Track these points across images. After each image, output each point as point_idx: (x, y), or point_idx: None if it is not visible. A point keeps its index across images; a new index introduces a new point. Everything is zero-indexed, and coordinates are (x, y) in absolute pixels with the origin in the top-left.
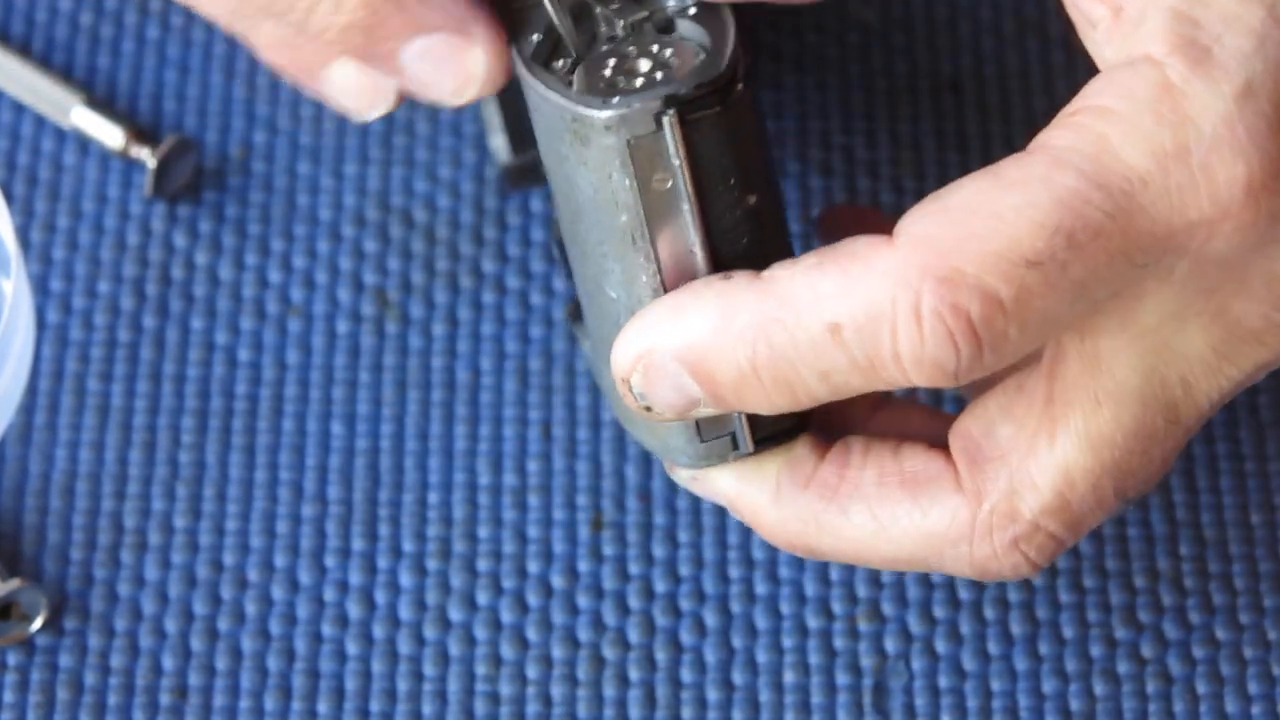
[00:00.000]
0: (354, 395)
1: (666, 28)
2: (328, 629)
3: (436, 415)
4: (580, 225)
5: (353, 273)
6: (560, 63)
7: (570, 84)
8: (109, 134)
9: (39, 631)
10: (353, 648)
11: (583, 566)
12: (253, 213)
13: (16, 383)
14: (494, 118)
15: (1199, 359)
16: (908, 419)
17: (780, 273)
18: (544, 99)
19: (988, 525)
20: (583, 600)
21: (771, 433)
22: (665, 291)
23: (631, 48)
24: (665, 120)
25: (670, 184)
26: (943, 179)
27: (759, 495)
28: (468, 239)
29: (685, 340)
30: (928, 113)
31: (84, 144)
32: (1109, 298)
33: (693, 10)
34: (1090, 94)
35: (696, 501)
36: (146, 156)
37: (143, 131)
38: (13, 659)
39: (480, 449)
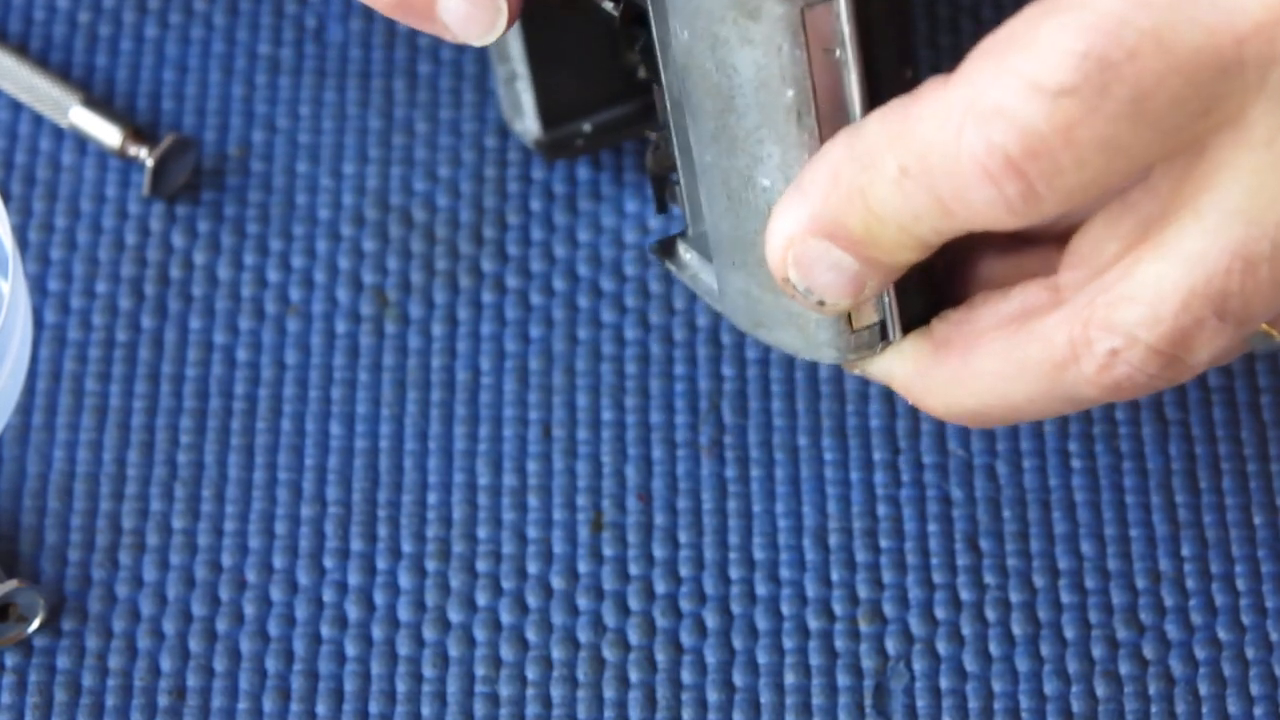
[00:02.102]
0: (353, 395)
1: None
2: (326, 630)
3: (436, 415)
4: (734, 114)
5: (351, 272)
6: None
7: None
8: (107, 133)
9: (36, 632)
10: (352, 649)
11: (583, 567)
12: (251, 212)
13: (14, 383)
14: (521, 96)
15: None
16: (1036, 258)
17: (868, 121)
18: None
19: (1086, 339)
20: (583, 601)
21: (915, 317)
22: None
23: None
24: None
25: (838, 54)
26: None
27: (905, 368)
28: (467, 238)
29: (811, 210)
30: None
31: (82, 143)
32: (1199, 116)
33: None
34: None
35: (697, 502)
36: (144, 155)
37: (141, 130)
38: (10, 660)
39: (480, 449)
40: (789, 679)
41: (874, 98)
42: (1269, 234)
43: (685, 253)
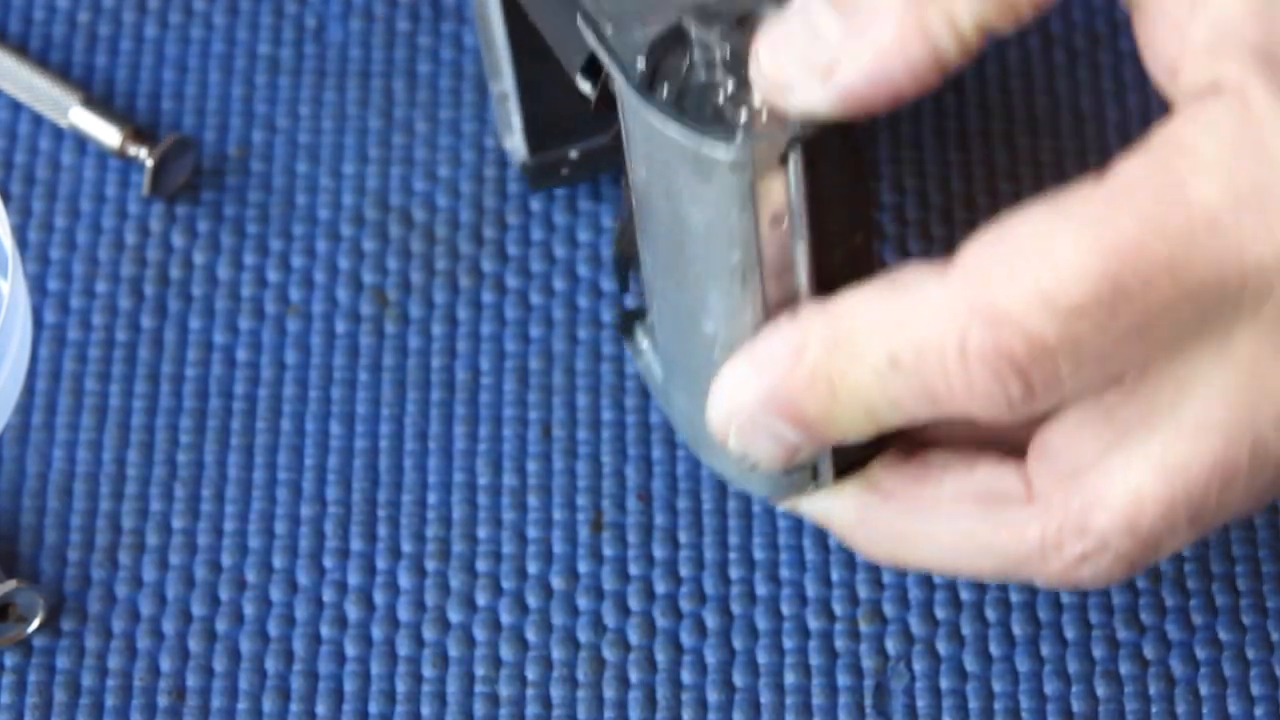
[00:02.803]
0: (353, 395)
1: None
2: (326, 630)
3: (435, 415)
4: (683, 257)
5: (351, 272)
6: (664, 87)
7: (683, 113)
8: (107, 133)
9: (36, 632)
10: (351, 649)
11: (583, 567)
12: (251, 212)
13: (13, 383)
14: (512, 116)
15: None
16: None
17: (845, 302)
18: (660, 132)
19: (1057, 540)
20: (583, 601)
21: (851, 461)
22: None
23: (736, 75)
24: (791, 160)
25: (786, 223)
26: (944, 178)
27: (845, 514)
28: (467, 238)
29: (767, 386)
30: (929, 111)
31: (81, 143)
32: (1190, 335)
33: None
34: (1174, 123)
35: (697, 502)
36: (144, 155)
37: (140, 130)
38: (9, 660)
39: (479, 449)
40: (789, 679)
41: (822, 265)
42: (1245, 449)
43: (642, 340)
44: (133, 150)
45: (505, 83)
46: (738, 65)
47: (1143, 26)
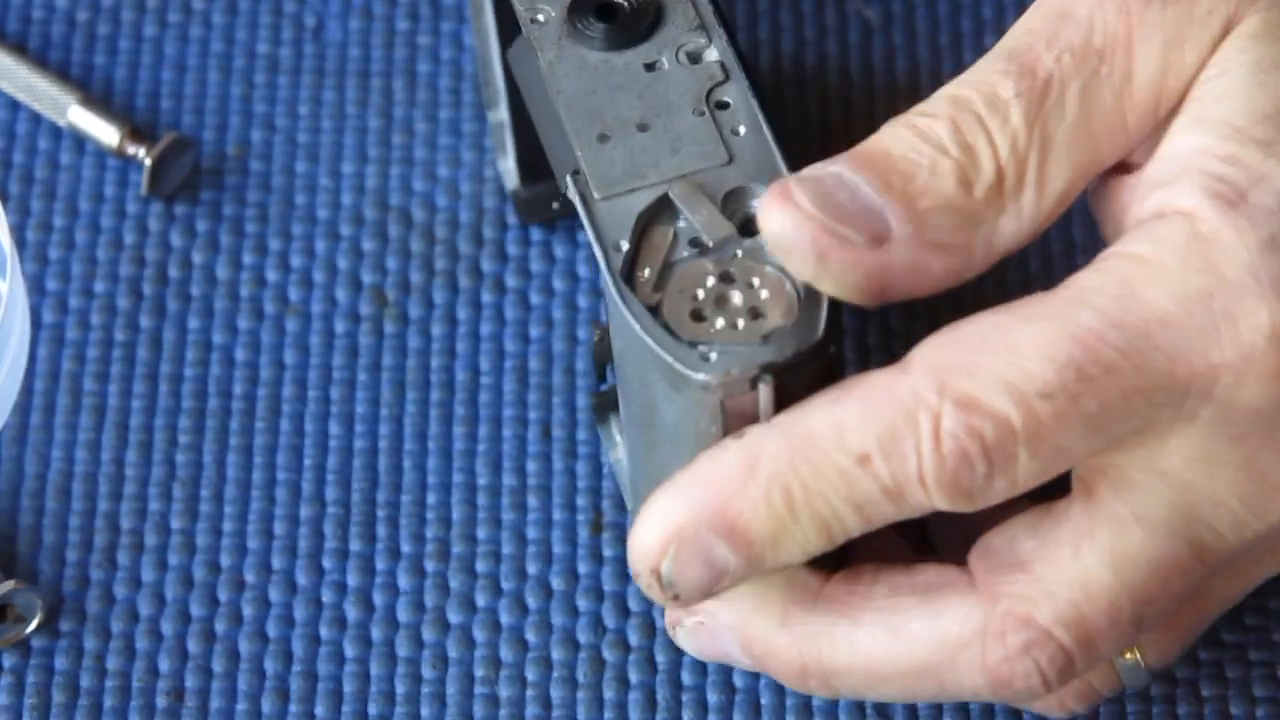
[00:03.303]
0: (352, 395)
1: (750, 229)
2: (325, 631)
3: (435, 415)
4: (652, 431)
5: (351, 272)
6: (645, 272)
7: (659, 309)
8: (105, 132)
9: (34, 633)
10: (351, 650)
11: (582, 568)
12: (250, 211)
13: (12, 382)
14: (506, 141)
15: (1226, 508)
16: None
17: (795, 416)
18: (636, 335)
19: (1000, 628)
20: (582, 602)
21: None
22: None
23: (718, 269)
24: (761, 386)
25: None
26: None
27: (766, 622)
28: (466, 238)
29: (713, 505)
30: None
31: (80, 142)
32: (1132, 433)
33: None
34: (1124, 242)
35: None
36: (143, 154)
37: (139, 129)
38: (8, 661)
39: (479, 449)
40: None
41: None
42: (1186, 547)
43: (617, 431)
44: (131, 149)
45: (502, 113)
46: (719, 252)
47: (1102, 186)
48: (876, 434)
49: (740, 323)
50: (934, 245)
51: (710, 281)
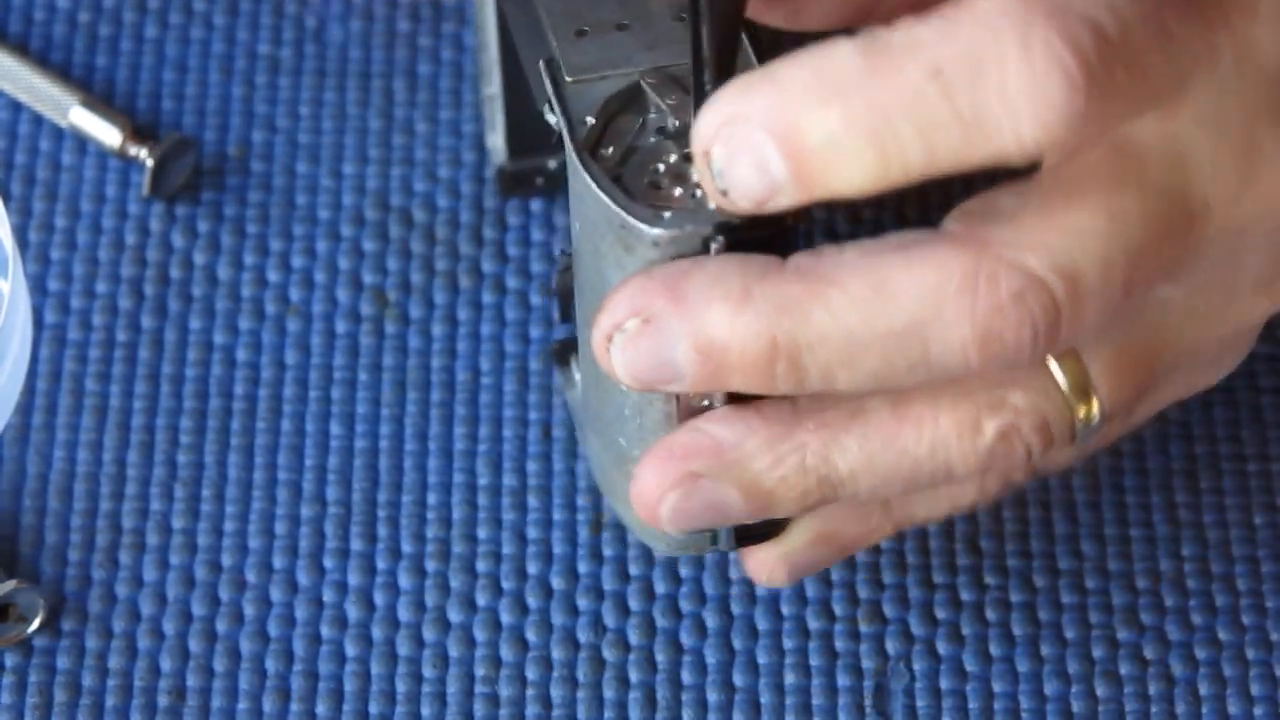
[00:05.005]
0: (353, 395)
1: None
2: (326, 630)
3: (436, 415)
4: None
5: (352, 272)
6: (609, 150)
7: (620, 179)
8: (107, 133)
9: (36, 633)
10: (351, 649)
11: (583, 568)
12: (251, 212)
13: (14, 383)
14: (496, 115)
15: (1223, 176)
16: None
17: (877, 31)
18: (593, 195)
19: (993, 271)
20: (583, 602)
21: (753, 533)
22: (675, 400)
23: (681, 147)
24: (712, 247)
25: None
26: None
27: (725, 304)
28: (467, 239)
29: (777, 107)
30: None
31: (82, 143)
32: (1168, 79)
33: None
34: None
35: None
36: (144, 155)
37: (141, 130)
38: (10, 660)
39: (479, 450)
40: (789, 679)
41: None
42: (1181, 213)
43: (575, 372)
44: (133, 150)
45: (494, 85)
46: (684, 138)
47: None
48: (955, 48)
49: (697, 193)
50: None
51: (672, 159)
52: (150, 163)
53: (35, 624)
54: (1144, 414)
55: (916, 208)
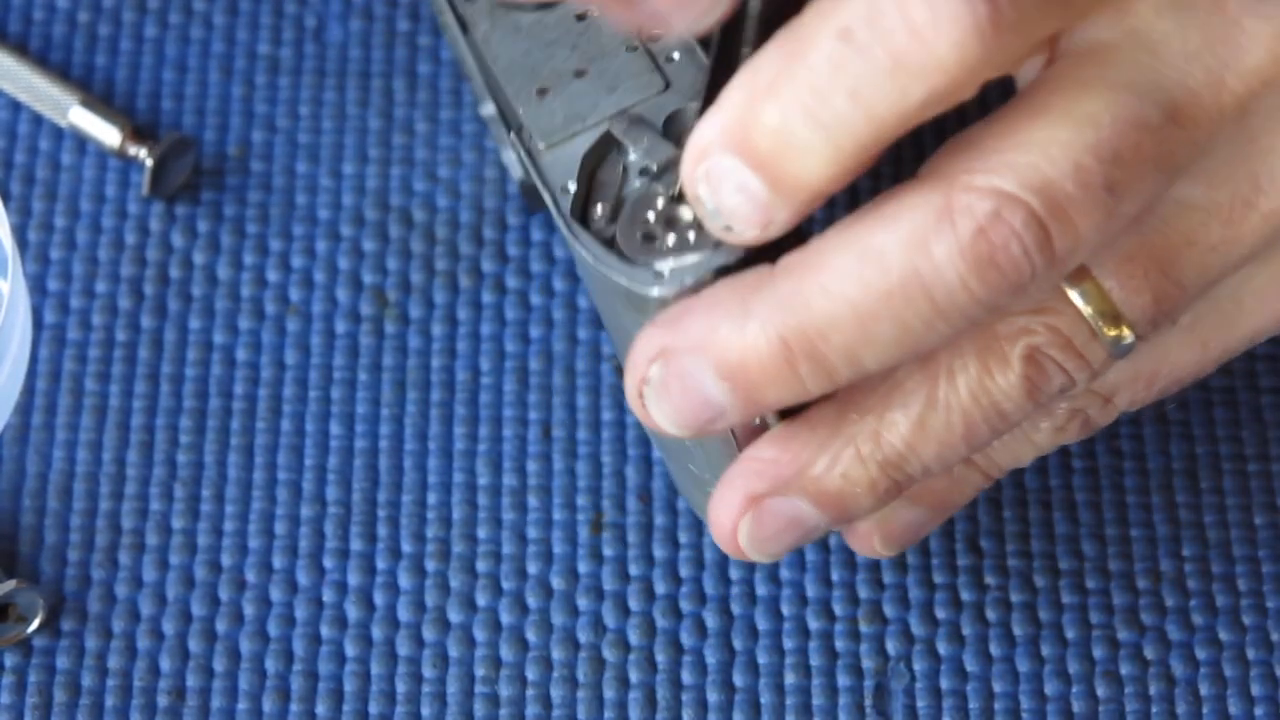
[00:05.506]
0: (352, 395)
1: None
2: (326, 630)
3: (435, 415)
4: (617, 332)
5: (351, 272)
6: (598, 208)
7: (613, 241)
8: (106, 132)
9: (36, 633)
10: (351, 649)
11: (583, 568)
12: (251, 212)
13: (13, 383)
14: (501, 134)
15: (1199, 62)
16: None
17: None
18: (592, 266)
19: (965, 202)
20: (583, 601)
21: None
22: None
23: (667, 191)
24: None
25: None
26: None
27: (729, 319)
28: (467, 238)
29: (723, 123)
30: None
31: (81, 142)
32: None
33: None
34: None
35: None
36: (144, 155)
37: (140, 130)
38: (9, 660)
39: (479, 449)
40: (789, 679)
41: None
42: (1156, 109)
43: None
44: (132, 150)
45: (489, 107)
46: (666, 175)
47: None
48: (853, 5)
49: (690, 235)
50: None
51: (660, 204)
52: (150, 162)
53: (35, 624)
54: (1220, 336)
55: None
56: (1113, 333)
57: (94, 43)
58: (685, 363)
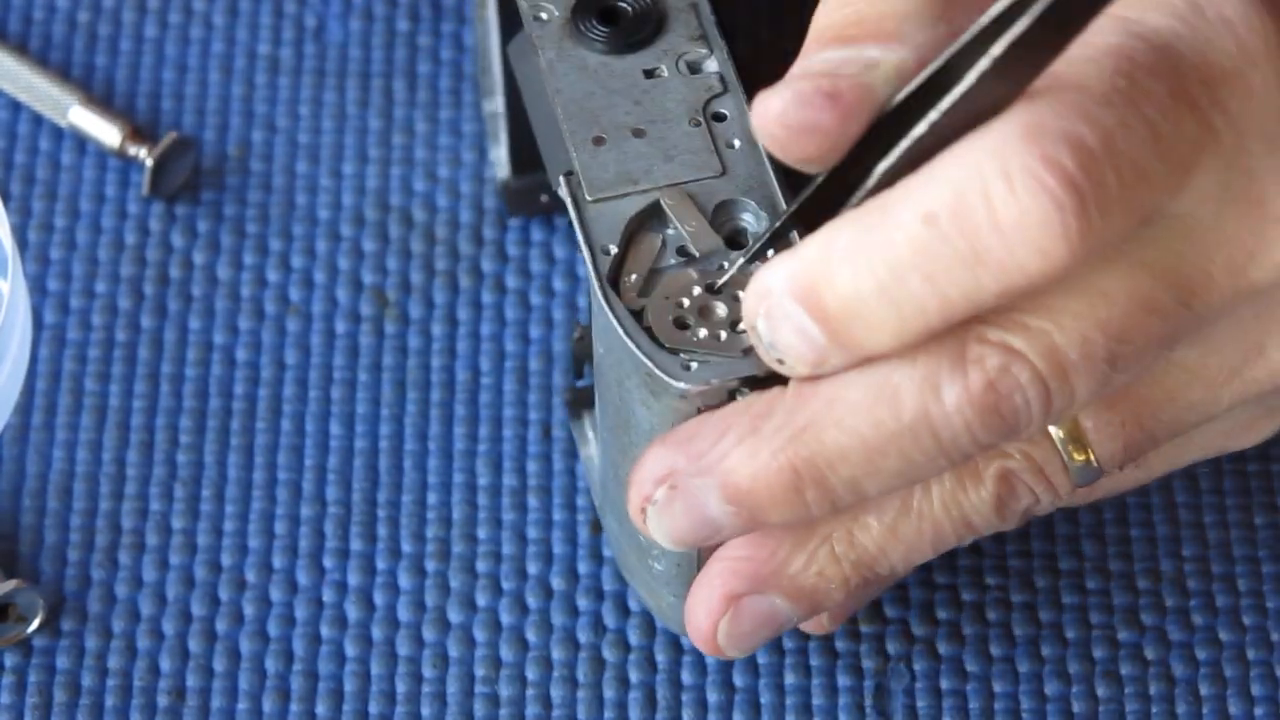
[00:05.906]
0: (352, 395)
1: (738, 242)
2: (326, 630)
3: (435, 415)
4: (622, 433)
5: (351, 272)
6: (632, 277)
7: (643, 313)
8: (106, 132)
9: (36, 633)
10: (351, 649)
11: (582, 568)
12: (251, 211)
13: (13, 383)
14: (500, 133)
15: (1229, 248)
16: None
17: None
18: (618, 340)
19: (979, 353)
20: (582, 602)
21: None
22: None
23: (703, 280)
24: (739, 397)
25: None
26: None
27: (740, 444)
28: (467, 238)
29: (793, 272)
30: None
31: (81, 142)
32: (1183, 152)
33: (771, 253)
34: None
35: None
36: (144, 155)
37: (140, 130)
38: (10, 660)
39: (479, 449)
40: (789, 679)
41: None
42: (1169, 292)
43: (589, 430)
44: (132, 150)
45: (497, 104)
46: (706, 263)
47: None
48: (940, 190)
49: (723, 334)
50: None
51: (695, 291)
52: (150, 162)
53: (35, 624)
54: (1165, 466)
55: None
56: (1080, 459)
57: (94, 43)
58: (693, 485)
